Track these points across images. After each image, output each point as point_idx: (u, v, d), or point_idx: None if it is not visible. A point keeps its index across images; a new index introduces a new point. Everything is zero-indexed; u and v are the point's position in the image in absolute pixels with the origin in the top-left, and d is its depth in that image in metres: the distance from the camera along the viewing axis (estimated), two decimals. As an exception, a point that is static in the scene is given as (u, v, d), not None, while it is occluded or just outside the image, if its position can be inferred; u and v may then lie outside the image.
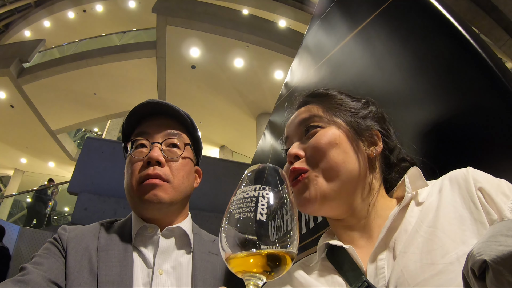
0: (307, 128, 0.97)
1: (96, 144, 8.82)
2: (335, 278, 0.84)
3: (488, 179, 0.75)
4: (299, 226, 1.77)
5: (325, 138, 0.90)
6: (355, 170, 0.89)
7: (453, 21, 1.03)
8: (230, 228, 0.52)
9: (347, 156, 0.90)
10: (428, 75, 1.11)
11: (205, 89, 14.41)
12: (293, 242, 0.53)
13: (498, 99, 0.90)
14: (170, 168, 1.22)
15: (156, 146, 1.22)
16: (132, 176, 1.21)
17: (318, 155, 0.90)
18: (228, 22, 12.45)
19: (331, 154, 0.88)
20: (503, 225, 0.49)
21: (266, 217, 0.52)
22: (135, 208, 1.25)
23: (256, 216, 0.51)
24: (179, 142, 1.27)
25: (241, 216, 0.52)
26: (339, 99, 1.01)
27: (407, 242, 0.75)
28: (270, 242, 0.50)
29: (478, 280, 0.45)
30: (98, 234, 1.21)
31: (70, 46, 15.97)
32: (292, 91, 2.34)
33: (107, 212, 7.67)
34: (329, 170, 0.88)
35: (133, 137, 1.28)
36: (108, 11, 18.83)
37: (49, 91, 15.03)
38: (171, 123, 1.30)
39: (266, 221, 0.52)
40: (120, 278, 1.07)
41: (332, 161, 0.88)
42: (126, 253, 1.15)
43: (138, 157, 1.23)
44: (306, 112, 1.00)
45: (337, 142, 0.90)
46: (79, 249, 1.13)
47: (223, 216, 0.56)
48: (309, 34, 2.22)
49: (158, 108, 1.30)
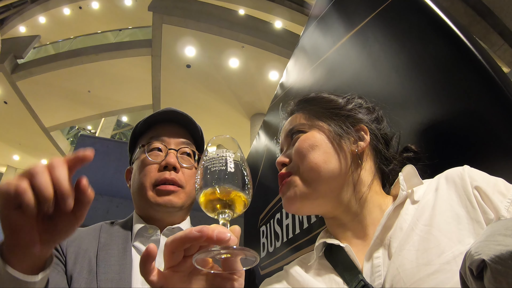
0: (291, 136, 1.03)
1: (90, 142, 8.74)
2: (332, 277, 0.85)
3: (485, 177, 0.75)
4: (293, 224, 1.78)
5: (305, 142, 0.96)
6: (336, 168, 0.92)
7: (450, 23, 1.03)
8: (206, 179, 0.67)
9: (328, 155, 0.93)
10: (424, 77, 1.12)
11: (200, 88, 14.38)
12: (250, 191, 0.70)
13: (493, 101, 0.90)
14: (184, 175, 1.30)
15: (173, 152, 1.31)
16: (145, 177, 1.28)
17: (299, 159, 0.95)
18: (224, 22, 12.42)
19: (311, 156, 0.93)
20: (501, 224, 0.49)
21: (234, 170, 0.68)
22: (141, 207, 1.31)
23: (227, 169, 0.67)
24: (190, 151, 1.36)
25: (217, 169, 0.67)
26: (322, 101, 1.05)
27: (402, 240, 0.76)
28: (235, 187, 0.67)
29: (476, 279, 0.45)
30: (98, 234, 1.24)
31: (65, 43, 15.87)
32: (288, 91, 2.34)
33: (100, 211, 7.62)
34: (309, 171, 0.92)
35: (146, 139, 1.35)
36: (104, 9, 18.74)
37: (43, 87, 14.93)
38: (184, 132, 1.40)
39: (234, 172, 0.68)
40: (119, 276, 1.10)
41: (312, 163, 0.92)
42: (125, 252, 1.18)
43: (154, 160, 1.29)
44: (290, 122, 1.07)
45: (317, 144, 0.94)
46: (79, 252, 1.15)
47: (197, 173, 0.70)
48: (306, 34, 2.22)
49: (176, 116, 1.39)
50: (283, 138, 1.07)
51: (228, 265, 0.61)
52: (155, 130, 1.37)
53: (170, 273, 0.60)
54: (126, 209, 1.39)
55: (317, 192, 0.91)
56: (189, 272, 0.62)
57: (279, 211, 2.02)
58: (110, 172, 8.04)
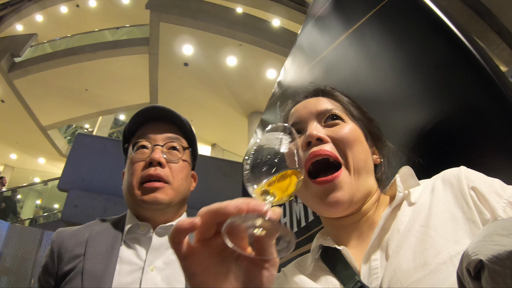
0: (328, 117, 0.93)
1: (87, 141, 8.75)
2: (329, 279, 0.84)
3: (481, 178, 0.75)
4: (290, 223, 1.78)
5: (353, 133, 0.90)
6: (372, 169, 0.91)
7: (448, 22, 1.03)
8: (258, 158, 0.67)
9: (368, 155, 0.91)
10: (422, 76, 1.11)
11: (197, 86, 14.37)
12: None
13: (491, 100, 0.90)
14: (171, 170, 1.29)
15: (158, 148, 1.30)
16: (133, 175, 1.27)
17: (348, 147, 0.87)
18: (222, 20, 12.41)
19: (357, 149, 0.88)
20: (498, 225, 0.49)
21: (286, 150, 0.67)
22: (132, 207, 1.31)
23: (280, 149, 0.66)
24: (178, 146, 1.35)
25: (273, 148, 0.67)
26: (352, 102, 1.01)
27: (399, 242, 0.75)
28: (288, 166, 0.66)
29: (473, 280, 0.45)
30: (89, 232, 1.25)
31: (62, 41, 15.86)
32: (285, 90, 2.34)
33: (97, 209, 7.62)
34: (361, 169, 0.87)
35: (134, 139, 1.35)
36: (101, 7, 18.65)
37: (40, 86, 14.91)
38: (171, 128, 1.38)
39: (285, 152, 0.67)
40: (102, 273, 1.12)
41: (358, 158, 0.87)
42: (113, 249, 1.19)
43: (139, 157, 1.29)
44: (323, 102, 0.97)
45: (361, 140, 0.91)
46: (73, 253, 1.18)
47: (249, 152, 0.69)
48: (303, 33, 2.22)
49: (160, 113, 1.38)
50: (313, 111, 0.95)
51: (260, 248, 0.56)
52: (142, 129, 1.37)
53: (199, 247, 0.56)
54: (124, 207, 1.40)
55: (360, 194, 0.86)
56: (219, 250, 0.57)
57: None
58: (108, 170, 8.02)
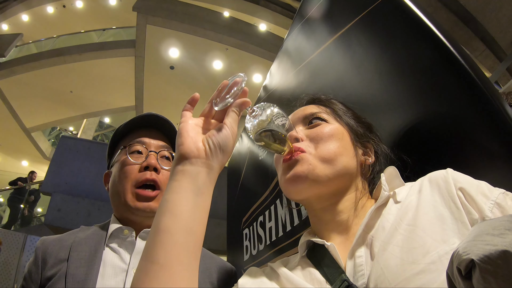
0: (312, 120, 0.99)
1: (71, 143, 8.68)
2: (314, 276, 0.84)
3: (468, 180, 0.75)
4: (276, 227, 1.78)
5: (329, 130, 0.94)
6: (350, 166, 0.91)
7: (433, 27, 1.04)
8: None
9: (346, 151, 0.92)
10: (407, 81, 1.12)
11: (183, 90, 14.32)
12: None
13: (475, 105, 0.91)
14: (164, 177, 1.32)
15: (153, 154, 1.33)
16: (126, 178, 1.30)
17: (318, 142, 0.92)
18: (209, 24, 12.42)
19: (332, 144, 0.91)
20: (489, 224, 0.49)
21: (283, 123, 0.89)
22: (118, 210, 1.32)
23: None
24: (169, 155, 1.39)
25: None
26: (345, 107, 1.06)
27: (386, 239, 0.75)
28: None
29: (464, 279, 0.45)
30: (74, 238, 1.26)
31: (48, 42, 15.70)
32: (271, 94, 2.34)
33: (81, 214, 7.54)
34: (326, 157, 0.89)
35: (125, 142, 1.38)
36: (88, 8, 18.50)
37: (24, 87, 14.75)
38: (163, 137, 1.43)
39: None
40: (85, 277, 1.12)
41: (331, 150, 0.90)
42: (96, 253, 1.19)
43: (135, 161, 1.32)
44: (311, 108, 1.03)
45: (340, 137, 0.93)
46: (57, 259, 1.18)
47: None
48: (290, 37, 2.22)
49: (156, 121, 1.42)
50: (300, 117, 1.02)
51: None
52: (136, 133, 1.39)
53: (200, 119, 0.95)
54: (108, 212, 1.40)
55: (327, 179, 0.87)
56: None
57: (262, 214, 2.01)
58: (92, 174, 7.95)
